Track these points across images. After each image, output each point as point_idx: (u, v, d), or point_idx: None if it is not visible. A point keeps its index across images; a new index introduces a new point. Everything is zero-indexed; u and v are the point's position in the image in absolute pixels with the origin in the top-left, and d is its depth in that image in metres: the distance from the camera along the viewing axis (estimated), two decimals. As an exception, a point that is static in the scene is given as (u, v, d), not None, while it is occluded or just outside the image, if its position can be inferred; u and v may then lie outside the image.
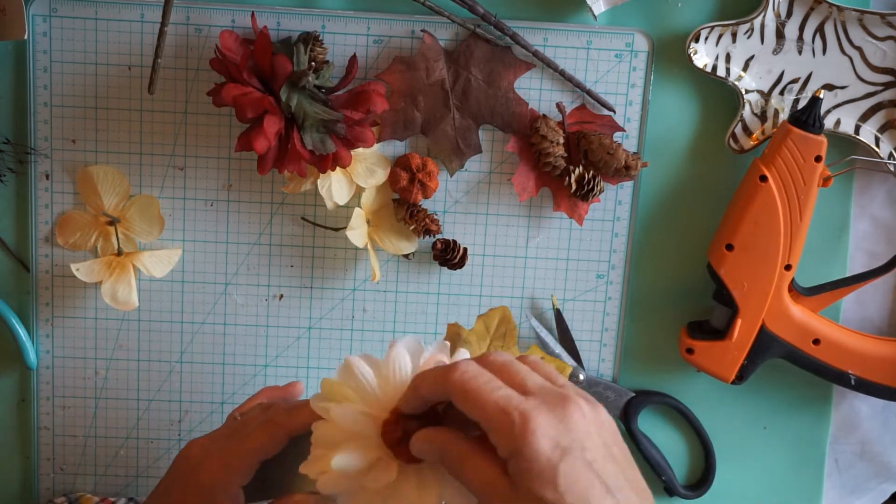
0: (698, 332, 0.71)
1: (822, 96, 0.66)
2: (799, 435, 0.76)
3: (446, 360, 0.51)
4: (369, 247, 0.69)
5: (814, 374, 0.71)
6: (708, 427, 0.75)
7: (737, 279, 0.68)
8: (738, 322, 0.69)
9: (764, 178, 0.66)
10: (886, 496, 0.79)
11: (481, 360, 0.50)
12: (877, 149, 0.70)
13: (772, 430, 0.76)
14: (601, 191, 0.69)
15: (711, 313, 0.71)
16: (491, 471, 0.47)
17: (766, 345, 0.70)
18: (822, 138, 0.66)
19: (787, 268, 0.68)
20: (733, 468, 0.76)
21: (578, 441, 0.48)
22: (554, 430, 0.47)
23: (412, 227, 0.69)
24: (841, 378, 0.71)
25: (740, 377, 0.71)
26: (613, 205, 0.72)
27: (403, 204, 0.69)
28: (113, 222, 0.69)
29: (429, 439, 0.48)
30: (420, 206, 0.69)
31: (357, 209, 0.68)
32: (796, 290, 0.70)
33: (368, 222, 0.70)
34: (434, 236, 0.70)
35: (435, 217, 0.70)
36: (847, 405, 0.76)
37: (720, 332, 0.71)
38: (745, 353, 0.70)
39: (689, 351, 0.71)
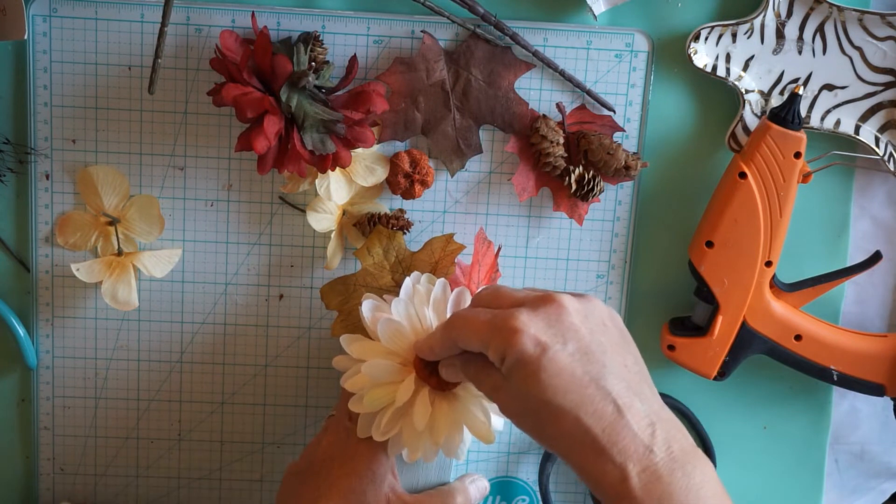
0: (680, 329, 0.71)
1: (801, 92, 0.66)
2: (799, 435, 0.76)
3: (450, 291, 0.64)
4: (334, 235, 0.69)
5: (796, 371, 0.71)
6: (708, 427, 0.75)
7: (717, 276, 0.69)
8: (720, 319, 0.69)
9: (743, 175, 0.66)
10: (886, 496, 0.79)
11: (472, 300, 0.60)
12: (877, 149, 0.70)
13: (772, 429, 0.76)
14: (601, 191, 0.69)
15: (693, 310, 0.72)
16: (496, 376, 0.54)
17: (747, 341, 0.70)
18: (802, 134, 0.66)
19: (768, 264, 0.68)
20: (733, 468, 0.76)
21: (559, 335, 0.53)
22: (534, 328, 0.53)
23: None
24: (823, 374, 0.71)
25: (722, 373, 0.71)
26: (613, 205, 0.72)
27: (361, 226, 0.69)
28: (113, 222, 0.69)
29: (452, 363, 0.59)
30: (379, 213, 0.69)
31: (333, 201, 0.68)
32: (778, 287, 0.70)
33: (344, 213, 0.69)
34: (407, 231, 0.70)
35: (398, 212, 0.70)
36: (847, 405, 0.76)
37: (701, 329, 0.71)
38: (726, 349, 0.70)
39: (671, 348, 0.71)
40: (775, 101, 0.69)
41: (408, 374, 0.61)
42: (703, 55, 0.68)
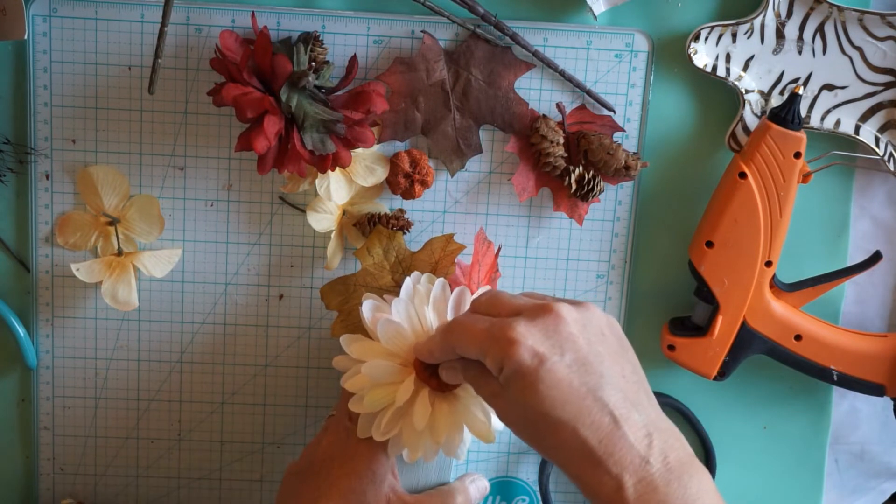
0: (680, 329, 0.71)
1: (801, 92, 0.66)
2: (799, 435, 0.76)
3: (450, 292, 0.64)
4: (334, 235, 0.69)
5: (796, 371, 0.71)
6: (708, 427, 0.75)
7: (717, 276, 0.69)
8: (719, 319, 0.69)
9: (743, 175, 0.67)
10: (886, 496, 0.79)
11: (470, 306, 0.60)
12: (877, 149, 0.70)
13: (772, 429, 0.76)
14: (601, 191, 0.69)
15: (693, 310, 0.72)
16: (494, 384, 0.55)
17: (747, 341, 0.70)
18: (802, 134, 0.66)
19: (768, 264, 0.68)
20: (733, 468, 0.76)
21: (557, 346, 0.53)
22: (532, 339, 0.53)
23: None
24: (823, 374, 0.71)
25: (722, 373, 0.71)
26: (613, 205, 0.72)
27: (361, 226, 0.69)
28: (113, 222, 0.69)
29: (452, 366, 0.59)
30: (379, 213, 0.69)
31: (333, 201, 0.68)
32: (778, 287, 0.70)
33: (344, 213, 0.69)
34: (407, 231, 0.70)
35: (398, 212, 0.70)
36: (847, 405, 0.76)
37: (701, 329, 0.71)
38: (726, 349, 0.70)
39: (671, 348, 0.71)
40: (775, 101, 0.69)
41: (408, 374, 0.61)
42: (703, 55, 0.68)
